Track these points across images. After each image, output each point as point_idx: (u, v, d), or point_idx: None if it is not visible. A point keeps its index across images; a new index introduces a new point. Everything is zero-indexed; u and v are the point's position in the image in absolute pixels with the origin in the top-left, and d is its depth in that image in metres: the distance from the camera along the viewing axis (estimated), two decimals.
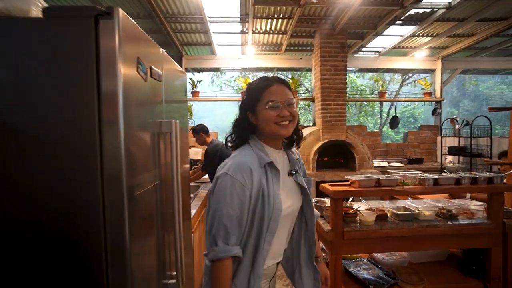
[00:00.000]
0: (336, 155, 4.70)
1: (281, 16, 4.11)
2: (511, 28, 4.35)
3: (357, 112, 11.12)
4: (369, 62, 5.73)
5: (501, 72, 7.09)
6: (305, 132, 4.73)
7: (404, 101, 5.98)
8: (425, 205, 2.12)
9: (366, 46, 5.30)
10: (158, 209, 1.18)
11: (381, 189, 1.75)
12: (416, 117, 15.40)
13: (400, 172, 1.90)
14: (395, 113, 5.81)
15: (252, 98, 1.06)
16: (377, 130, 9.65)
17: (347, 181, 1.97)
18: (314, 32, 4.66)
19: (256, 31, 4.67)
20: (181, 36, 4.87)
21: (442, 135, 5.32)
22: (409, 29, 4.54)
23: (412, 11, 3.93)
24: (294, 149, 1.24)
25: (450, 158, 5.07)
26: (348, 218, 1.90)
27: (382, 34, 4.71)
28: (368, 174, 1.93)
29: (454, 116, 5.16)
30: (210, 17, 4.14)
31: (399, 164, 5.05)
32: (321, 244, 2.37)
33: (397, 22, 4.25)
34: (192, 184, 3.48)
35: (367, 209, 2.06)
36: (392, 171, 2.02)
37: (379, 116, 11.34)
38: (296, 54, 5.60)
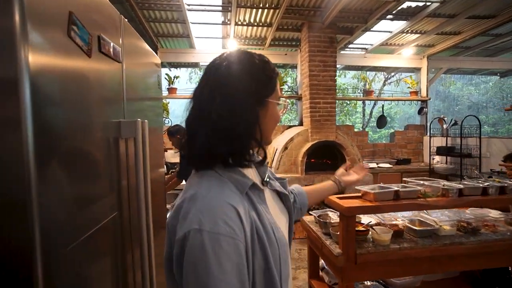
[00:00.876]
0: (324, 156, 4.43)
1: (267, 5, 3.76)
2: (497, 27, 4.29)
3: (339, 112, 11.04)
4: (356, 59, 5.53)
5: (480, 72, 7.17)
6: (292, 132, 4.42)
7: (391, 100, 5.82)
8: (442, 217, 1.86)
9: (354, 42, 5.08)
10: (118, 243, 0.79)
11: (401, 203, 1.45)
12: (393, 117, 15.68)
13: (421, 182, 1.61)
14: (383, 112, 5.65)
15: (267, 82, 0.70)
16: (362, 130, 9.59)
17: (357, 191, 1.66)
18: (301, 26, 4.36)
19: (239, 23, 4.30)
20: (155, 26, 4.39)
21: (430, 135, 5.22)
22: (398, 25, 4.35)
23: (405, 5, 3.72)
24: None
25: (437, 158, 4.97)
26: (359, 236, 1.59)
27: (371, 29, 4.49)
28: (382, 184, 1.62)
29: (442, 116, 5.06)
30: (189, 5, 3.72)
31: (388, 165, 4.88)
32: (322, 263, 2.05)
33: (388, 16, 4.04)
34: (168, 192, 3.04)
35: (377, 223, 1.76)
36: (408, 179, 1.72)
37: (360, 115, 11.33)
38: (281, 49, 5.28)
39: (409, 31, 4.58)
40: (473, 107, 16.91)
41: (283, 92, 5.59)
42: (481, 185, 1.58)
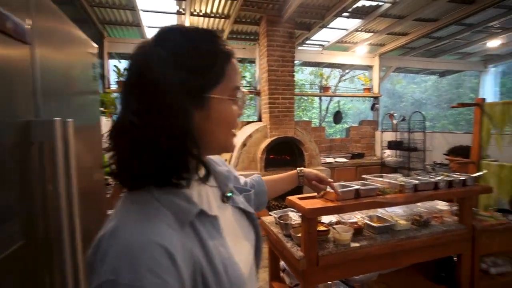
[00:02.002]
0: (283, 152, 4.43)
1: None
2: (439, 30, 4.63)
3: (296, 107, 11.24)
4: (313, 56, 5.60)
5: (423, 72, 7.76)
6: (251, 128, 4.33)
7: (346, 96, 6.03)
8: (397, 211, 1.91)
9: (311, 38, 5.13)
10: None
11: (362, 202, 1.43)
12: (346, 112, 16.47)
13: (379, 179, 1.61)
14: (339, 108, 5.83)
15: (205, 69, 0.51)
16: (320, 126, 9.87)
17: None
18: (260, 19, 4.26)
19: (195, 13, 4.07)
20: (100, 12, 3.97)
21: (382, 130, 5.51)
22: (354, 23, 4.48)
23: (360, 3, 3.81)
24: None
25: (388, 152, 5.26)
26: (321, 237, 1.54)
27: (328, 26, 4.56)
28: (342, 182, 1.60)
29: (392, 112, 5.36)
30: None
31: (344, 160, 5.05)
32: (283, 264, 1.99)
33: (344, 14, 4.12)
34: None
35: (338, 222, 1.74)
36: (367, 176, 1.73)
37: (317, 111, 11.67)
38: (239, 43, 5.14)
39: (363, 29, 4.74)
40: (415, 104, 18.42)
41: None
42: (433, 179, 1.63)
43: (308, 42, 5.31)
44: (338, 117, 5.84)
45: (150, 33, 4.68)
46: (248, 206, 0.71)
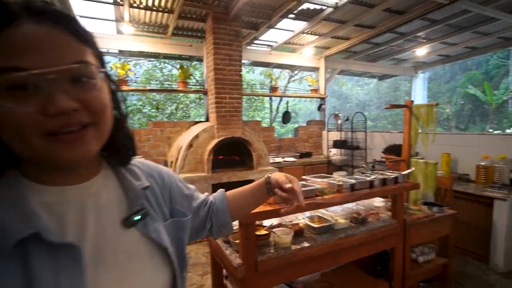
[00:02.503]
0: (232, 153, 4.35)
1: None
2: (376, 36, 4.96)
3: (248, 107, 11.27)
4: (261, 56, 5.62)
5: (365, 75, 8.31)
6: (198, 129, 4.17)
7: (294, 97, 6.16)
8: (338, 210, 1.94)
9: (259, 38, 5.13)
10: None
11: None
12: (297, 112, 17.03)
13: (318, 180, 1.61)
14: (287, 108, 5.93)
15: None
16: (269, 126, 10.00)
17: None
18: (205, 16, 4.12)
19: (135, 5, 3.77)
20: None
21: (328, 129, 5.73)
22: (300, 25, 4.57)
23: (305, 6, 3.89)
24: (138, 162, 0.66)
25: (334, 151, 5.50)
26: (261, 241, 1.49)
27: (275, 27, 4.59)
28: None
29: (337, 112, 5.61)
30: None
31: (292, 159, 5.14)
32: (225, 270, 1.90)
33: (290, 16, 4.18)
34: None
35: (279, 224, 1.71)
36: (307, 177, 1.72)
37: (268, 111, 11.83)
38: (185, 40, 4.92)
39: (309, 32, 4.87)
40: (360, 105, 19.77)
41: (189, 87, 5.26)
42: (368, 178, 1.68)
43: (256, 42, 5.30)
44: (286, 117, 5.94)
45: (84, 24, 4.23)
46: (163, 239, 0.57)
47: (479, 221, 3.07)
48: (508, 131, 12.08)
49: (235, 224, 1.60)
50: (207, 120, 4.59)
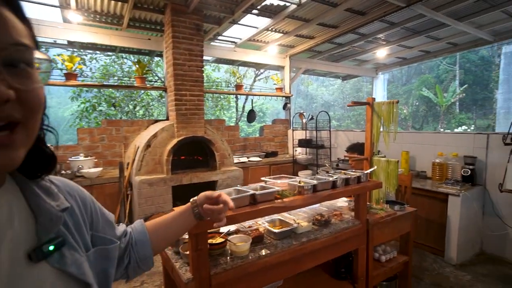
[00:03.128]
0: (194, 153, 4.14)
1: None
2: (339, 36, 5.02)
3: (214, 106, 11.01)
4: (226, 53, 5.44)
5: (329, 75, 8.46)
6: (157, 127, 3.90)
7: (259, 95, 6.06)
8: (300, 212, 1.85)
9: (223, 34, 4.95)
10: None
11: (258, 208, 1.27)
12: (264, 112, 17.06)
13: (278, 181, 1.49)
14: (252, 107, 5.81)
15: None
16: (235, 124, 9.85)
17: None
18: (164, 7, 3.86)
19: None
20: None
21: (293, 128, 5.71)
22: (264, 22, 4.47)
23: (268, 2, 3.79)
24: (55, 179, 0.53)
25: (299, 149, 5.48)
26: (215, 251, 1.34)
27: (239, 23, 4.45)
28: (239, 186, 1.42)
29: (302, 111, 5.60)
30: None
31: (258, 159, 5.04)
32: None
33: (254, 11, 4.06)
34: None
35: (237, 230, 1.56)
36: (266, 179, 1.59)
37: (235, 110, 11.66)
38: (143, 32, 4.59)
39: (273, 29, 4.79)
40: (325, 105, 20.33)
41: (152, 83, 4.94)
42: (330, 179, 1.60)
43: (220, 38, 5.12)
44: (251, 116, 5.83)
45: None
46: (85, 273, 0.45)
47: (435, 217, 3.18)
48: (456, 130, 13.10)
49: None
50: (167, 118, 4.32)
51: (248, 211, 1.24)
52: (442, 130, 13.76)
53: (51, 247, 0.42)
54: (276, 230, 1.51)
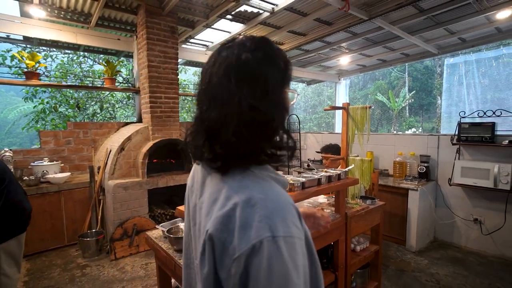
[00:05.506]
0: (169, 156, 4.10)
1: None
2: (306, 43, 5.31)
3: (181, 108, 10.83)
4: (197, 55, 5.45)
5: (295, 79, 8.81)
6: (129, 130, 3.81)
7: None
8: None
9: (195, 37, 4.96)
10: None
11: None
12: None
13: None
14: None
15: (286, 70, 0.69)
16: None
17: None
18: (137, 8, 3.79)
19: None
20: None
21: None
22: (237, 27, 4.58)
23: (243, 8, 3.92)
24: None
25: None
26: None
27: (212, 27, 4.50)
28: None
29: None
30: None
31: None
32: (175, 282, 1.76)
33: (228, 16, 4.15)
34: None
35: None
36: None
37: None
38: (112, 32, 4.44)
39: (245, 34, 4.92)
40: (290, 108, 20.88)
41: (117, 84, 4.78)
42: (316, 176, 1.76)
43: (191, 41, 5.12)
44: None
45: None
46: None
47: (397, 210, 3.53)
48: (407, 132, 14.35)
49: None
50: (139, 121, 4.23)
51: None
52: (395, 132, 14.97)
53: None
54: None
